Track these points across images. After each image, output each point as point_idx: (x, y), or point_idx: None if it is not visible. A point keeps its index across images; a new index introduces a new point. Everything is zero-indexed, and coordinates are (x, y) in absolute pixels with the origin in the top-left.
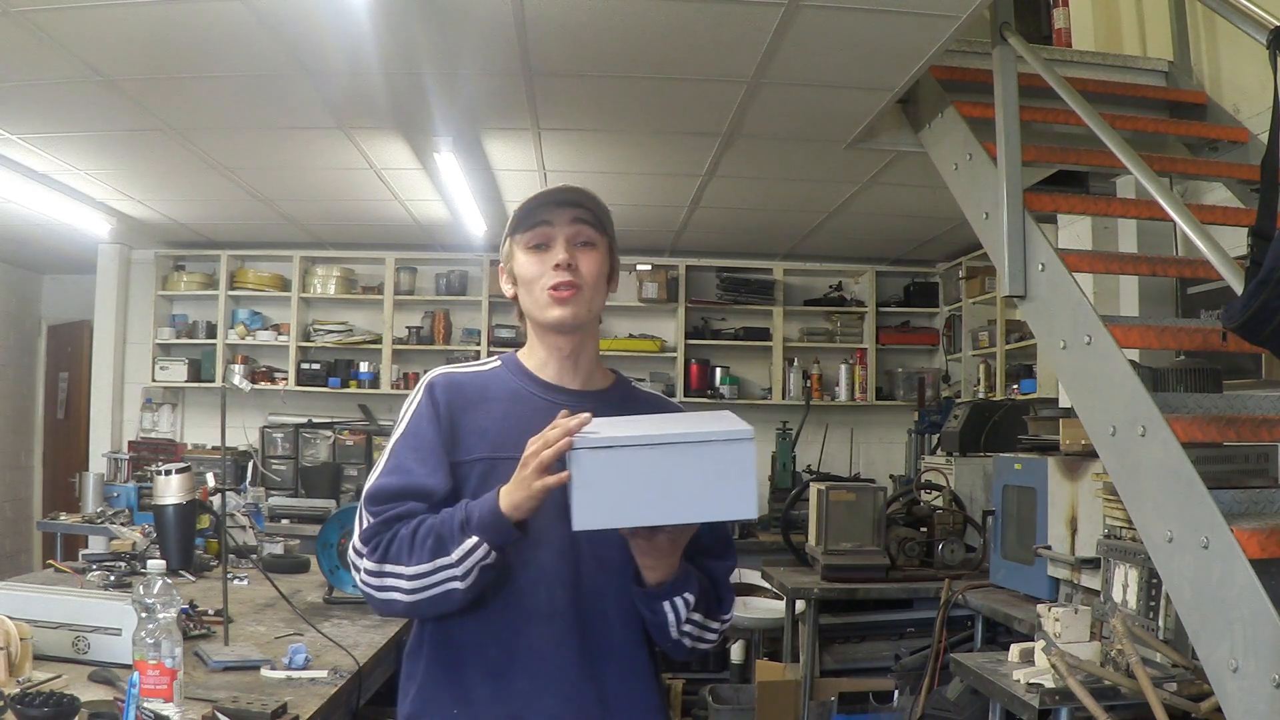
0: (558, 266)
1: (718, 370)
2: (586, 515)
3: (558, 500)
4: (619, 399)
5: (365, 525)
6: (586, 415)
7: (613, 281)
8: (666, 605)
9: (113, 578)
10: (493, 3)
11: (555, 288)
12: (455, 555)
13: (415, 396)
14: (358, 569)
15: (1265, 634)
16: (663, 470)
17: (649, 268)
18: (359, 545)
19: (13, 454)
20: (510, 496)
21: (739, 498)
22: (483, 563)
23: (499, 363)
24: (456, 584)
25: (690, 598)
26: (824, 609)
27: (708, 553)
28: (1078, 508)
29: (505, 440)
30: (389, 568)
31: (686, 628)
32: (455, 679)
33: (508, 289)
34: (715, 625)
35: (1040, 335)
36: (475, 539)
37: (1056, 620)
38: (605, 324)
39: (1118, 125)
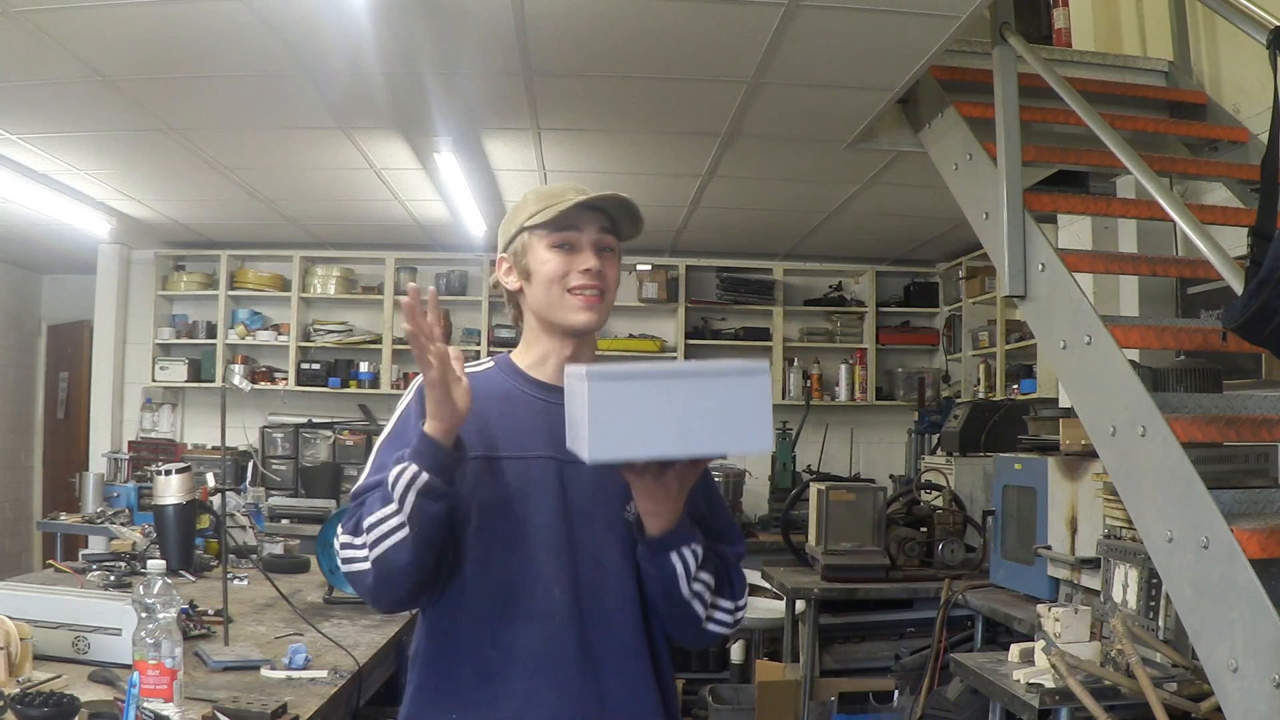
0: (587, 271)
1: None
2: (602, 447)
3: (553, 501)
4: None
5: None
6: (422, 288)
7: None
8: (674, 556)
9: (113, 578)
10: (493, 3)
11: (584, 291)
12: (391, 486)
13: (406, 399)
14: (338, 553)
15: (1265, 634)
16: (679, 402)
17: (649, 268)
18: (338, 530)
19: (13, 454)
20: (429, 416)
21: (755, 431)
22: (416, 485)
23: (492, 364)
24: (403, 529)
25: (698, 549)
26: (824, 609)
27: (718, 538)
28: (1078, 508)
29: (500, 440)
30: (356, 539)
31: (696, 586)
32: (453, 681)
33: (511, 281)
34: (727, 604)
35: (1040, 335)
36: (404, 464)
37: (1056, 620)
38: (605, 324)
39: (1118, 125)
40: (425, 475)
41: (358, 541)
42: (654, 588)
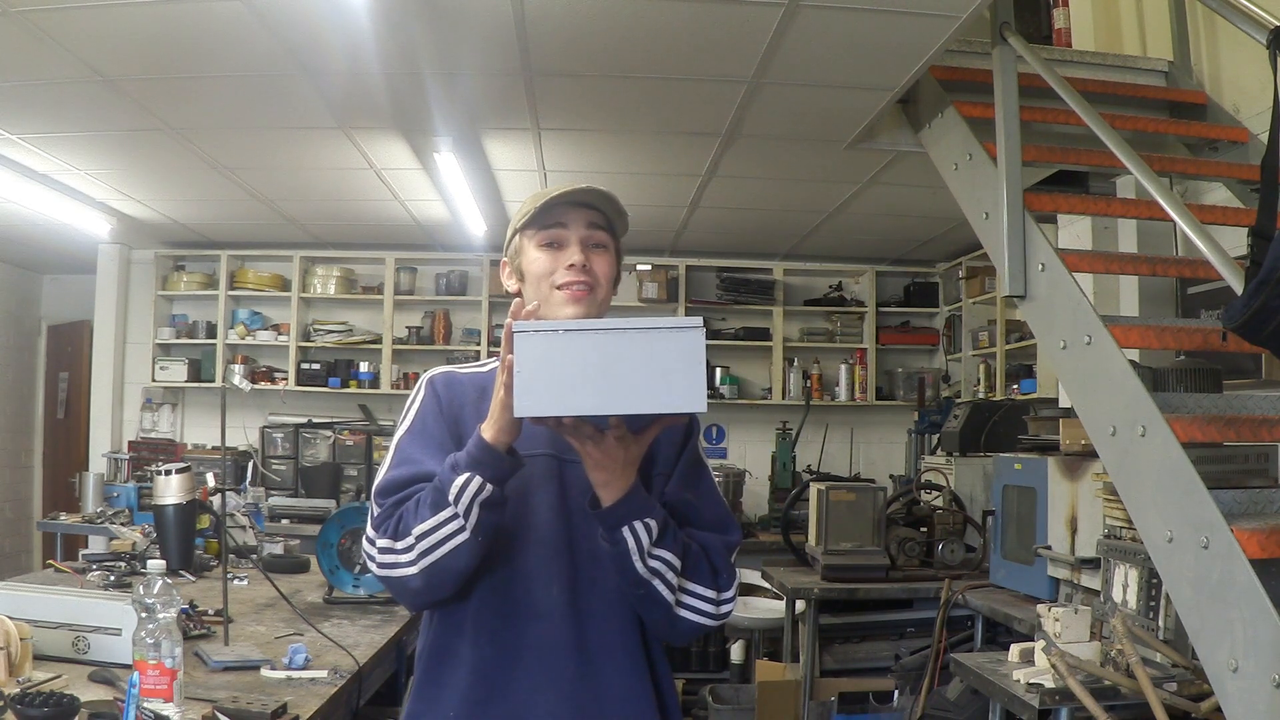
0: (572, 266)
1: (718, 370)
2: (527, 402)
3: (552, 499)
4: None
5: (374, 514)
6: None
7: (617, 282)
8: (626, 532)
9: (113, 578)
10: (493, 3)
11: (570, 286)
12: (451, 496)
13: (417, 394)
14: (372, 558)
15: (1265, 634)
16: (608, 357)
17: (649, 268)
18: (371, 533)
19: (13, 454)
20: (490, 422)
21: (687, 389)
22: (480, 497)
23: (496, 363)
24: (463, 535)
25: (652, 524)
26: (824, 609)
27: (706, 526)
28: (1078, 508)
29: None
30: (399, 544)
31: (654, 564)
32: (453, 678)
33: (510, 284)
34: (704, 591)
35: (1040, 335)
36: (467, 474)
37: (1056, 620)
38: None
39: (1118, 125)
40: (490, 487)
41: (399, 546)
42: (612, 565)
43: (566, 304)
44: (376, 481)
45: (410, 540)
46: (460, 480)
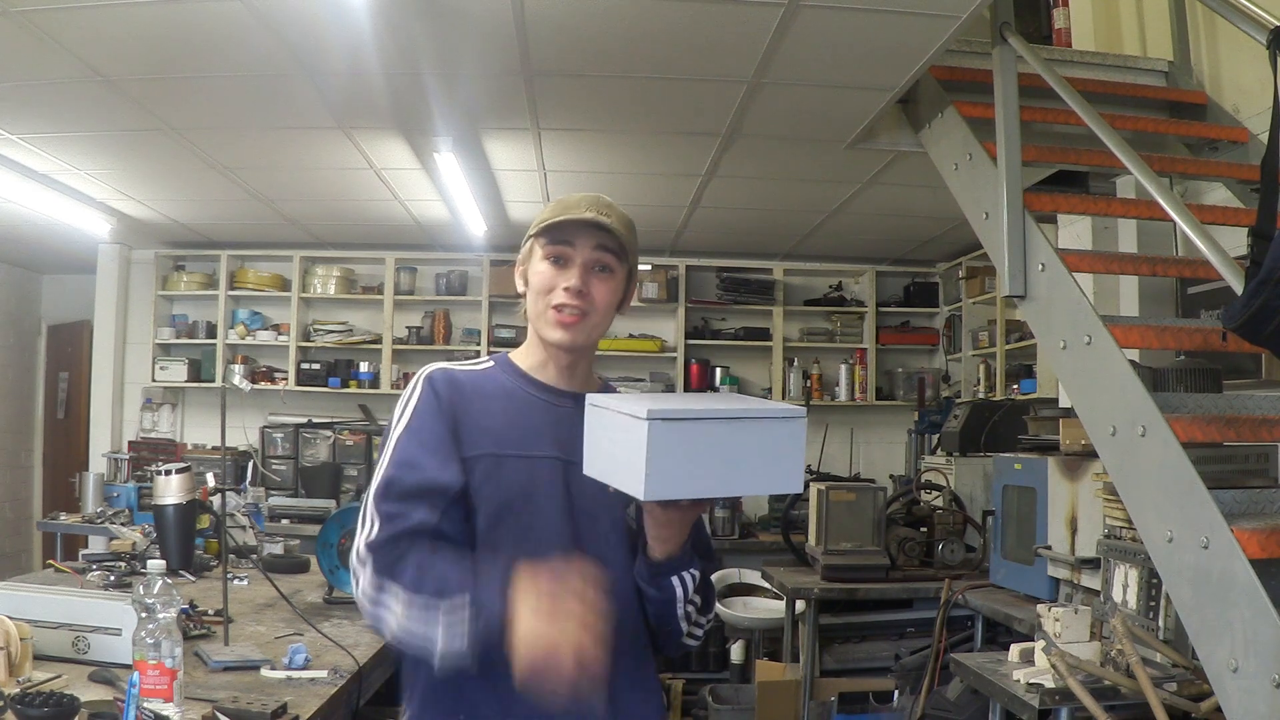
0: (569, 289)
1: (718, 370)
2: (658, 485)
3: (558, 501)
4: None
5: (375, 530)
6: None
7: (624, 305)
8: (675, 580)
9: (113, 578)
10: (493, 3)
11: (561, 309)
12: (447, 607)
13: (415, 390)
14: (358, 578)
15: (1265, 634)
16: (729, 444)
17: (649, 268)
18: (363, 551)
19: (13, 454)
20: (530, 625)
21: (790, 473)
22: (464, 630)
23: (492, 363)
24: (437, 641)
25: (695, 574)
26: (824, 609)
27: (699, 553)
28: (1078, 508)
29: (507, 437)
30: (390, 584)
31: (689, 608)
32: (456, 683)
33: (520, 285)
34: (703, 622)
35: (1040, 335)
36: (472, 609)
37: (1056, 620)
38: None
39: (1118, 125)
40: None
41: (389, 586)
42: (650, 607)
43: (554, 327)
44: (375, 480)
45: (401, 598)
46: (462, 604)
